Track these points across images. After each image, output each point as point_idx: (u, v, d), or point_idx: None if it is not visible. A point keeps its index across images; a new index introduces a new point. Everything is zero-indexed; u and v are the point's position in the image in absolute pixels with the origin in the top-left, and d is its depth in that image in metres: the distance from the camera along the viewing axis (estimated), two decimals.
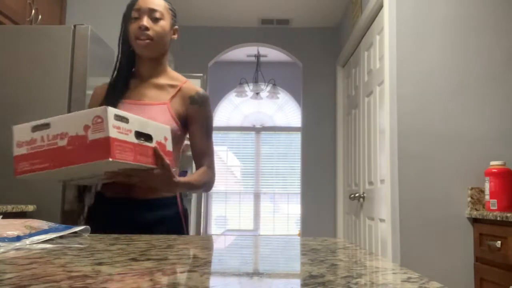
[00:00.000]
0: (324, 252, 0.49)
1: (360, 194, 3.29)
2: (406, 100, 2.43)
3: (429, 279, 0.34)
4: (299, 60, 4.50)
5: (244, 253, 0.48)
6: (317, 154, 4.33)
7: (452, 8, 2.48)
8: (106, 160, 0.98)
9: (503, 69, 2.43)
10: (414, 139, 2.40)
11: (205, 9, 4.17)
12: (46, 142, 1.04)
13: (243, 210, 6.28)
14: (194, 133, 1.43)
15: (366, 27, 3.22)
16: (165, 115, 1.35)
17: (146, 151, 1.13)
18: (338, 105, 4.19)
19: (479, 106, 2.41)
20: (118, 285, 0.30)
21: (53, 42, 2.33)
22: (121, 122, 1.04)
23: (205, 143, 1.44)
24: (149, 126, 1.15)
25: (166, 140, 1.24)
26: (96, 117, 1.00)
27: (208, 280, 0.32)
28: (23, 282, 0.30)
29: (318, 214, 4.27)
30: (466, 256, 2.30)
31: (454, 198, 2.34)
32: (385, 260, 0.44)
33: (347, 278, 0.34)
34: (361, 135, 3.37)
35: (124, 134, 1.04)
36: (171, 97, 1.40)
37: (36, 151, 1.05)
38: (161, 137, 1.21)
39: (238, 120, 6.38)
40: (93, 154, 1.00)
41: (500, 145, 2.38)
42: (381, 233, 2.78)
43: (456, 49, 2.45)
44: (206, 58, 4.49)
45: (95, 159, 0.99)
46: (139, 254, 0.45)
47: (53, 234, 0.63)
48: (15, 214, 2.00)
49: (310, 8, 4.11)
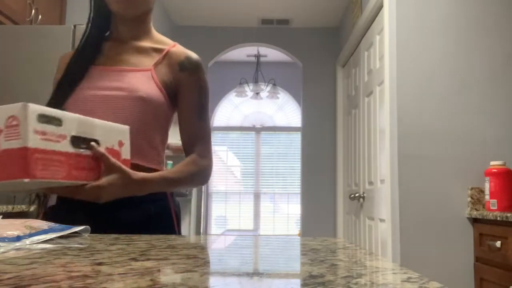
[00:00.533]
0: (324, 252, 0.49)
1: (360, 194, 3.29)
2: (406, 100, 2.43)
3: (429, 279, 0.34)
4: (299, 60, 4.50)
5: (244, 253, 0.48)
6: (317, 154, 4.33)
7: (452, 8, 2.48)
8: (20, 180, 0.71)
9: (503, 69, 2.43)
10: (414, 139, 2.40)
11: (205, 9, 4.17)
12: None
13: (243, 210, 6.28)
14: (184, 109, 1.14)
15: (366, 27, 3.22)
16: (149, 83, 1.08)
17: (88, 163, 0.86)
18: (338, 105, 4.19)
19: (479, 106, 2.41)
20: (118, 285, 0.30)
21: (53, 42, 2.33)
22: (49, 125, 0.77)
23: (197, 123, 1.14)
24: (95, 128, 0.88)
25: (122, 145, 0.95)
26: (11, 118, 0.73)
27: (208, 280, 0.32)
28: (23, 282, 0.30)
29: (318, 214, 4.27)
30: (466, 256, 2.30)
31: (454, 198, 2.34)
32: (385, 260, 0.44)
33: (347, 278, 0.34)
34: (361, 135, 3.37)
35: (53, 141, 0.77)
36: (155, 62, 1.13)
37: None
38: (114, 142, 0.93)
39: (238, 120, 6.38)
40: (5, 169, 0.72)
41: (500, 145, 2.38)
42: (381, 233, 2.78)
43: (456, 49, 2.45)
44: (206, 58, 4.48)
45: (7, 177, 0.72)
46: (139, 254, 0.45)
47: (53, 234, 0.63)
48: (15, 214, 2.00)
49: (310, 8, 4.11)
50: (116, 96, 1.05)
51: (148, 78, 1.09)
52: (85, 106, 1.05)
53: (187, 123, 1.14)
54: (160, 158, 1.13)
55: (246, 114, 6.41)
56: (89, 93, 1.06)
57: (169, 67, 1.14)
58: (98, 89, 1.07)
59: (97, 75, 1.09)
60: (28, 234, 0.58)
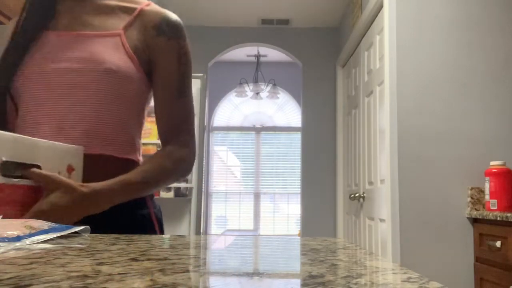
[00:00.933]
0: (324, 252, 0.49)
1: (360, 194, 3.29)
2: (406, 100, 2.43)
3: (429, 279, 0.34)
4: (299, 60, 4.50)
5: (244, 253, 0.48)
6: (317, 154, 4.33)
7: (452, 8, 2.48)
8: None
9: (503, 69, 2.43)
10: (414, 139, 2.40)
11: (205, 9, 4.17)
12: None
13: (243, 210, 6.28)
14: (160, 84, 0.92)
15: (366, 27, 3.23)
16: (118, 51, 0.87)
17: (24, 196, 0.67)
18: (338, 105, 4.19)
19: (480, 106, 2.41)
20: (118, 285, 0.30)
21: None
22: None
23: (176, 100, 0.92)
24: (37, 149, 0.68)
25: (72, 171, 0.75)
26: None
27: (208, 280, 0.32)
28: (23, 282, 0.30)
29: (318, 214, 4.27)
30: (466, 256, 2.30)
31: (454, 198, 2.34)
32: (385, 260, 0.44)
33: (347, 278, 0.34)
34: (361, 135, 3.37)
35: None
36: (125, 24, 0.91)
37: None
38: (61, 167, 0.73)
39: (238, 120, 6.38)
40: None
41: (500, 145, 2.38)
42: (381, 233, 2.78)
43: (456, 49, 2.45)
44: (206, 58, 4.49)
45: None
46: (139, 254, 0.45)
47: (53, 234, 0.63)
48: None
49: (310, 8, 4.11)
50: (77, 70, 0.84)
51: (117, 45, 0.87)
52: (36, 86, 0.84)
53: (165, 102, 0.91)
54: (135, 146, 0.92)
55: (246, 114, 6.41)
56: (42, 68, 0.85)
57: (142, 30, 0.91)
58: (53, 61, 0.85)
59: (51, 43, 0.86)
60: (28, 234, 0.58)
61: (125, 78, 0.87)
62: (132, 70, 0.88)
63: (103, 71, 0.84)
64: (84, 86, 0.84)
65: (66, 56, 0.85)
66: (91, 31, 0.88)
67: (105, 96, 0.85)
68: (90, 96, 0.84)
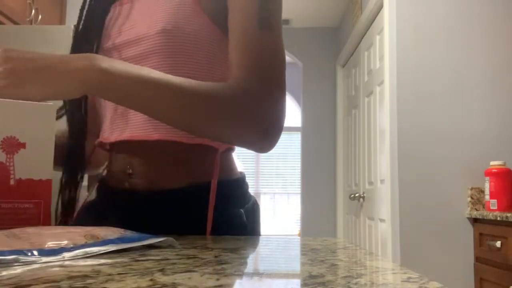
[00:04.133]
0: (324, 252, 0.49)
1: (360, 194, 3.29)
2: (406, 100, 2.43)
3: (429, 279, 0.34)
4: (299, 60, 4.50)
5: (244, 253, 0.48)
6: (317, 154, 4.33)
7: (452, 8, 2.48)
8: None
9: (503, 69, 2.43)
10: (414, 139, 2.40)
11: None
12: None
13: None
14: (236, 16, 0.69)
15: (366, 27, 3.23)
16: (198, 18, 0.71)
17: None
18: (338, 105, 4.19)
19: (479, 106, 2.41)
20: (118, 285, 0.30)
21: (53, 42, 2.33)
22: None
23: (255, 33, 0.67)
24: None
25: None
26: None
27: (208, 280, 0.32)
28: (23, 282, 0.30)
29: (318, 214, 4.27)
30: (466, 256, 2.30)
31: (454, 198, 2.34)
32: (385, 260, 0.44)
33: (347, 278, 0.34)
34: (361, 135, 3.37)
35: None
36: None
37: None
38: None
39: None
40: None
41: (500, 145, 2.38)
42: (381, 233, 2.78)
43: (456, 49, 2.45)
44: None
45: None
46: (139, 254, 0.45)
47: (114, 246, 0.45)
48: None
49: (310, 8, 4.11)
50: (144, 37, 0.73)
51: (197, 12, 0.70)
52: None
53: (240, 35, 0.68)
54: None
55: None
56: (113, 41, 0.78)
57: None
58: (120, 32, 0.77)
59: (120, 14, 0.78)
60: (78, 245, 0.42)
61: (187, 37, 0.71)
62: (212, 34, 0.72)
63: (157, 34, 0.71)
64: (159, 52, 0.71)
65: (131, 25, 0.75)
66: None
67: (178, 61, 0.71)
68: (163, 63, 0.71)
